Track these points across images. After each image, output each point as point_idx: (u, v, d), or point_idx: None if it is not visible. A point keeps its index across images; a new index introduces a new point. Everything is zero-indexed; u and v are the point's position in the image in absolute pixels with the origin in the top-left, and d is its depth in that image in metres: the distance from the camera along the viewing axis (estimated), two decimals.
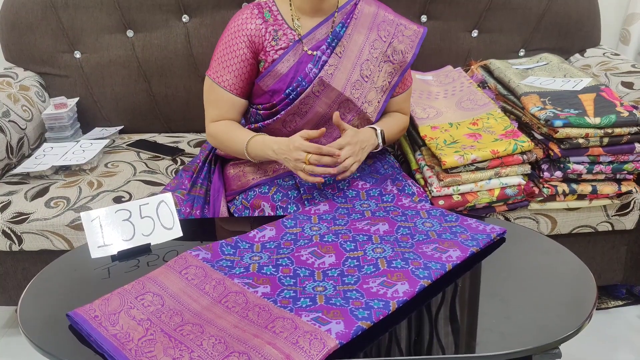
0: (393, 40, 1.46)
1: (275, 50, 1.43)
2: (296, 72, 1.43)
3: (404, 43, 1.47)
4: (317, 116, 1.45)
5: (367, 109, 1.47)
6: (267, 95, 1.46)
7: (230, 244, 1.15)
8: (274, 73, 1.43)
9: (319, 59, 1.42)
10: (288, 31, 1.43)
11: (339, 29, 1.43)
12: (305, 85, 1.41)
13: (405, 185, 1.44)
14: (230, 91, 1.46)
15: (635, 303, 1.89)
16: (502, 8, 1.99)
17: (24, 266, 1.62)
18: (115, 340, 0.89)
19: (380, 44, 1.45)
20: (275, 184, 1.45)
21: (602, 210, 1.60)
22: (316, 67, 1.41)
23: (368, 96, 1.46)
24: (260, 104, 1.48)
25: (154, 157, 1.85)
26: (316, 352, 0.84)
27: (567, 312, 0.98)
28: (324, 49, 1.42)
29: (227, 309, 0.96)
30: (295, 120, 1.46)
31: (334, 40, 1.42)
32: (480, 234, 1.16)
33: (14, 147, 1.76)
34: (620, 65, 1.87)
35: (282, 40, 1.43)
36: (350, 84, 1.43)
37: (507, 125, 1.56)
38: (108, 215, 1.19)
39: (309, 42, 1.43)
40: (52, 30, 1.96)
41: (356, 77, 1.43)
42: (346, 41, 1.42)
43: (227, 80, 1.45)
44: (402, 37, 1.47)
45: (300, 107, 1.43)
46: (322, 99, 1.43)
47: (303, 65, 1.42)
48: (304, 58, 1.43)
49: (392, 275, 1.02)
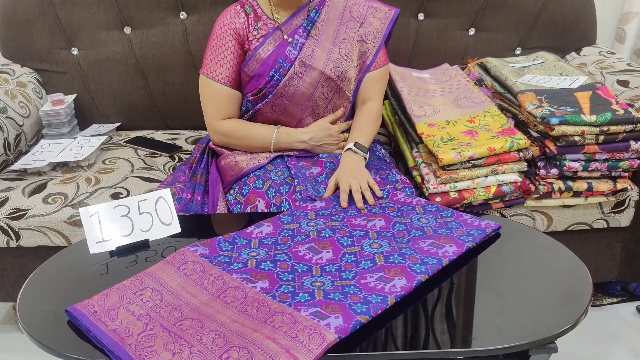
0: (365, 21, 1.57)
1: (257, 38, 1.54)
2: (277, 55, 1.53)
3: (375, 24, 1.58)
4: (304, 97, 1.55)
5: (346, 87, 1.57)
6: (253, 80, 1.55)
7: (227, 240, 1.16)
8: (257, 58, 1.54)
9: (297, 42, 1.53)
10: (268, 21, 1.55)
11: (314, 15, 1.55)
12: (287, 66, 1.52)
13: (389, 174, 1.49)
14: (225, 84, 1.55)
15: (630, 300, 1.90)
16: (498, 6, 2.00)
17: (21, 262, 1.62)
18: (114, 335, 0.90)
19: (354, 23, 1.57)
20: (269, 178, 1.47)
21: (598, 207, 1.61)
22: (295, 49, 1.53)
23: (347, 74, 1.55)
24: (249, 92, 1.57)
25: (151, 153, 1.85)
26: (315, 346, 0.85)
27: (563, 307, 0.99)
28: (300, 33, 1.54)
29: (225, 304, 0.96)
30: (284, 103, 1.55)
31: (309, 24, 1.54)
32: (476, 230, 1.17)
33: (11, 144, 1.76)
34: (615, 63, 1.88)
35: (262, 29, 1.55)
36: (331, 62, 1.53)
37: (504, 123, 1.57)
38: (106, 210, 1.19)
39: (287, 30, 1.55)
40: (49, 27, 1.96)
41: (335, 56, 1.53)
42: (320, 25, 1.54)
43: (221, 73, 1.54)
44: (373, 18, 1.58)
45: (285, 88, 1.53)
46: (306, 79, 1.53)
47: (283, 49, 1.53)
48: (283, 43, 1.54)
49: (389, 271, 1.03)
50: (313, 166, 1.51)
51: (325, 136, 1.56)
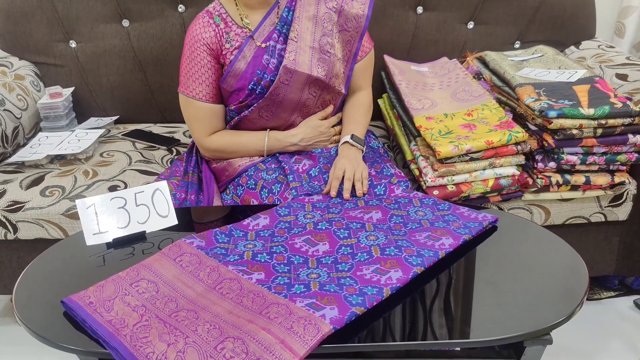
0: (342, 9, 1.47)
1: (230, 51, 1.47)
2: (254, 66, 1.46)
3: (355, 8, 1.48)
4: (292, 102, 1.50)
5: (335, 83, 1.51)
6: (234, 95, 1.51)
7: (224, 232, 1.16)
8: (234, 72, 1.47)
9: (273, 49, 1.46)
10: (238, 30, 1.47)
11: (286, 14, 1.46)
12: (267, 77, 1.45)
13: (383, 168, 1.47)
14: (206, 101, 1.50)
15: (627, 294, 1.91)
16: (498, 0, 1.99)
17: (19, 255, 1.62)
18: (110, 326, 0.90)
19: (330, 15, 1.47)
20: (260, 177, 1.47)
21: (595, 201, 1.61)
22: (272, 57, 1.45)
23: (334, 70, 1.49)
24: (231, 104, 1.52)
25: (149, 146, 1.85)
26: (310, 337, 0.85)
27: (558, 298, 0.99)
28: (275, 38, 1.46)
29: (221, 296, 0.96)
30: (271, 110, 1.50)
31: (283, 26, 1.46)
32: (473, 222, 1.17)
33: (9, 136, 1.76)
34: (615, 57, 1.87)
35: (234, 40, 1.47)
36: (315, 63, 1.45)
37: (502, 116, 1.57)
38: (103, 202, 1.19)
39: (260, 36, 1.47)
40: (47, 19, 1.95)
41: (318, 55, 1.46)
42: (297, 24, 1.45)
43: (201, 92, 1.49)
44: (351, 2, 1.48)
45: (272, 98, 1.47)
46: (293, 86, 1.46)
47: (259, 59, 1.46)
48: (258, 52, 1.47)
49: (385, 263, 1.03)
50: (306, 159, 1.50)
51: (316, 134, 1.53)
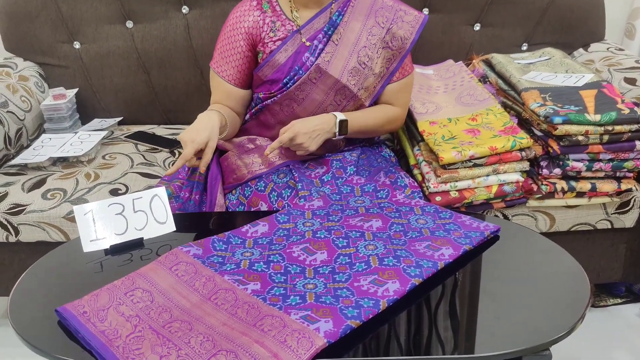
0: (392, 26, 1.46)
1: (273, 41, 1.46)
2: (294, 61, 1.46)
3: (404, 29, 1.47)
4: (314, 104, 1.48)
5: (363, 95, 1.49)
6: (266, 84, 1.50)
7: (222, 239, 1.15)
8: (272, 63, 1.46)
9: (315, 48, 1.45)
10: (286, 22, 1.47)
11: (336, 18, 1.45)
12: (302, 74, 1.44)
13: (397, 177, 1.45)
14: (229, 82, 1.52)
15: (634, 301, 1.88)
16: (504, 2, 1.97)
17: (20, 257, 1.62)
18: (103, 337, 0.89)
19: (378, 30, 1.45)
20: (271, 180, 1.45)
21: (602, 208, 1.58)
22: (313, 55, 1.45)
23: (365, 83, 1.47)
24: (260, 92, 1.52)
25: (151, 149, 1.84)
26: (304, 351, 0.84)
27: (559, 312, 0.97)
28: (320, 38, 1.45)
29: (216, 306, 0.95)
30: (292, 106, 1.49)
31: (330, 28, 1.45)
32: (474, 232, 1.15)
33: (12, 138, 1.76)
34: (623, 60, 1.84)
35: (280, 31, 1.46)
36: (347, 71, 1.44)
37: (507, 122, 1.54)
38: (101, 209, 1.18)
39: (306, 33, 1.46)
40: (51, 20, 1.95)
41: (353, 64, 1.44)
42: (342, 29, 1.44)
43: (226, 71, 1.51)
44: (401, 22, 1.47)
45: (296, 92, 1.46)
46: (319, 86, 1.45)
47: (300, 55, 1.45)
48: (301, 48, 1.46)
49: (383, 273, 1.02)
50: (319, 166, 1.48)
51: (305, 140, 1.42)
